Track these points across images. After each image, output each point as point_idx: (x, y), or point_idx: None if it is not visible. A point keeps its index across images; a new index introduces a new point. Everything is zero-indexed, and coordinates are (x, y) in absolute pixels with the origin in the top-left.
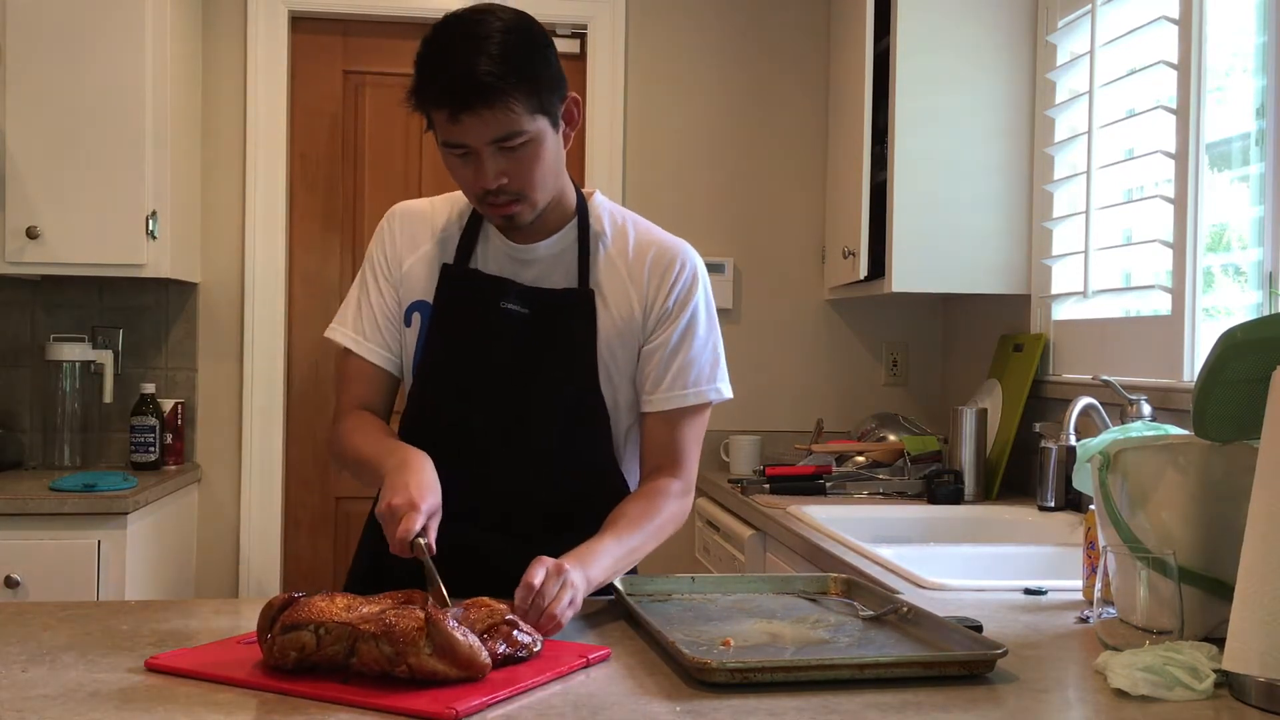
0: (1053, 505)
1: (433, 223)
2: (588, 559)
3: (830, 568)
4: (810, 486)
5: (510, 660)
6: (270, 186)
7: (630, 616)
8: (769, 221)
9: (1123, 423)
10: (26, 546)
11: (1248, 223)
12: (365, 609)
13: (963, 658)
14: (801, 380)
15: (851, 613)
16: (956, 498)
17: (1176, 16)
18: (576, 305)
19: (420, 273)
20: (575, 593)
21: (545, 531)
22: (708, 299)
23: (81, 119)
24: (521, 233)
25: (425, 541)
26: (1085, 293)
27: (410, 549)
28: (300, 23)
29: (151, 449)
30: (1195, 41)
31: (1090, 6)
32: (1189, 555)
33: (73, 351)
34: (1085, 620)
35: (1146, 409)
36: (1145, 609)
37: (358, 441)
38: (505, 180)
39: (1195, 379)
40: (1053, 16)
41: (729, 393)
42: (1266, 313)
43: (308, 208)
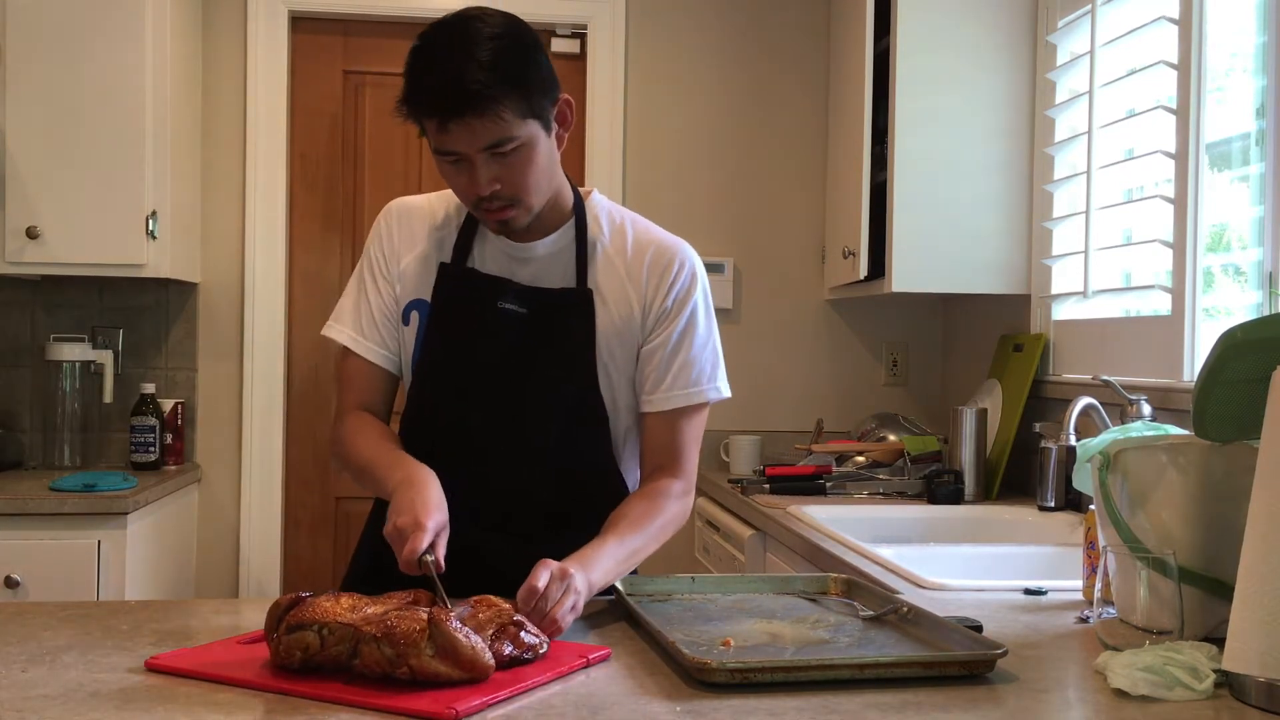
0: (1053, 505)
1: (430, 220)
2: (590, 562)
3: (830, 568)
4: (810, 486)
5: (517, 661)
6: (270, 186)
7: (630, 617)
8: (769, 221)
9: (1123, 423)
10: (26, 546)
11: (1248, 223)
12: (370, 609)
13: (963, 658)
14: (801, 380)
15: (851, 613)
16: (956, 498)
17: (1176, 16)
18: (575, 305)
19: (418, 271)
20: (578, 598)
21: (544, 531)
22: (706, 298)
23: (81, 119)
24: (519, 232)
25: (433, 559)
26: (1085, 293)
27: (419, 566)
28: (300, 23)
29: (151, 449)
30: (1195, 41)
31: (1090, 6)
32: (1189, 555)
33: (73, 351)
34: (1085, 620)
35: (1146, 409)
36: (1145, 609)
37: (361, 449)
38: (499, 186)
39: (1195, 379)
40: (1053, 16)
41: (728, 391)
42: (1266, 313)
43: (308, 208)
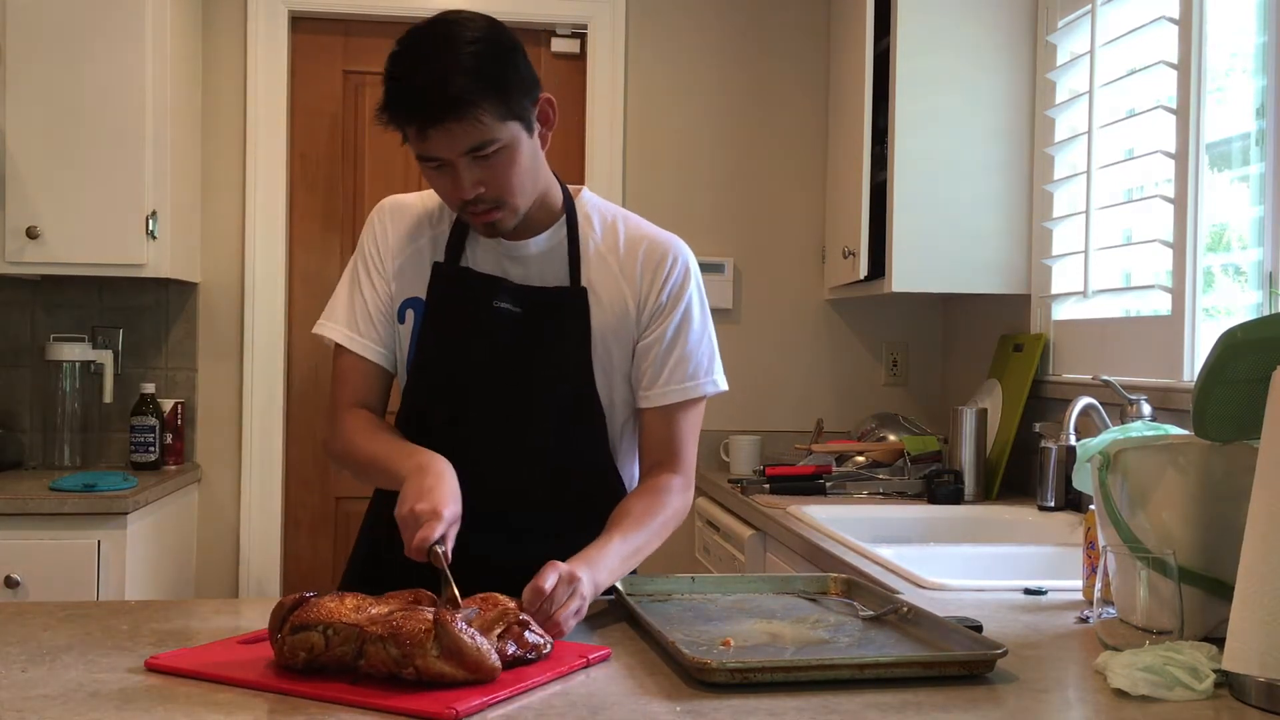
0: (1053, 505)
1: (423, 218)
2: (597, 563)
3: (830, 568)
4: (810, 486)
5: (520, 661)
6: (270, 186)
7: (630, 616)
8: (769, 221)
9: (1123, 423)
10: (26, 546)
11: (1248, 223)
12: (374, 610)
13: (963, 658)
14: (801, 380)
15: (851, 613)
16: (956, 498)
17: (1176, 16)
18: (570, 303)
19: (412, 269)
20: (583, 603)
21: (543, 530)
22: (700, 292)
23: (81, 119)
24: (508, 232)
25: (443, 550)
26: (1085, 293)
27: (427, 556)
28: (300, 23)
29: (151, 449)
30: (1195, 41)
31: (1090, 6)
32: (1189, 555)
33: (73, 351)
34: (1085, 620)
35: (1146, 409)
36: (1145, 609)
37: (366, 442)
38: (483, 189)
39: (1195, 379)
40: (1053, 16)
41: (725, 385)
42: (1266, 313)
43: (308, 208)
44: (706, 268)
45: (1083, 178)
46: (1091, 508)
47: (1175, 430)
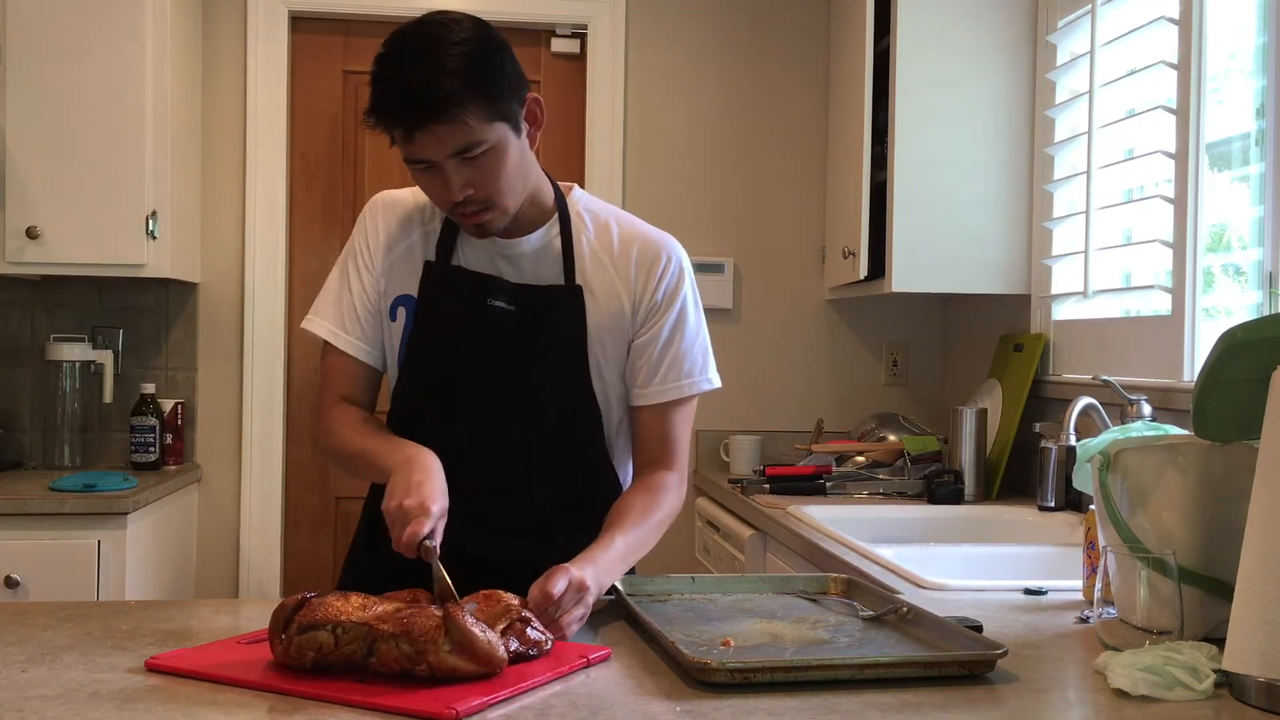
0: (1053, 505)
1: (416, 214)
2: (602, 564)
3: (830, 568)
4: (810, 486)
5: (522, 658)
6: (270, 186)
7: (630, 616)
8: (769, 221)
9: (1123, 423)
10: (26, 546)
11: (1248, 223)
12: (379, 608)
13: (963, 658)
14: (801, 380)
15: (851, 613)
16: (956, 498)
17: (1176, 16)
18: (565, 301)
19: (404, 265)
20: (587, 611)
21: (539, 528)
22: (694, 290)
23: (81, 119)
24: (499, 231)
25: (432, 545)
26: (1085, 293)
27: (417, 551)
28: (300, 23)
29: (151, 449)
30: (1195, 41)
31: (1090, 6)
32: (1189, 555)
33: (73, 351)
34: (1085, 620)
35: (1146, 409)
36: (1145, 609)
37: (354, 436)
38: (471, 190)
39: (1195, 379)
40: (1053, 16)
41: (718, 382)
42: (1266, 313)
43: (308, 208)
44: (706, 268)
45: (1083, 178)
46: (1091, 508)
47: (1175, 430)
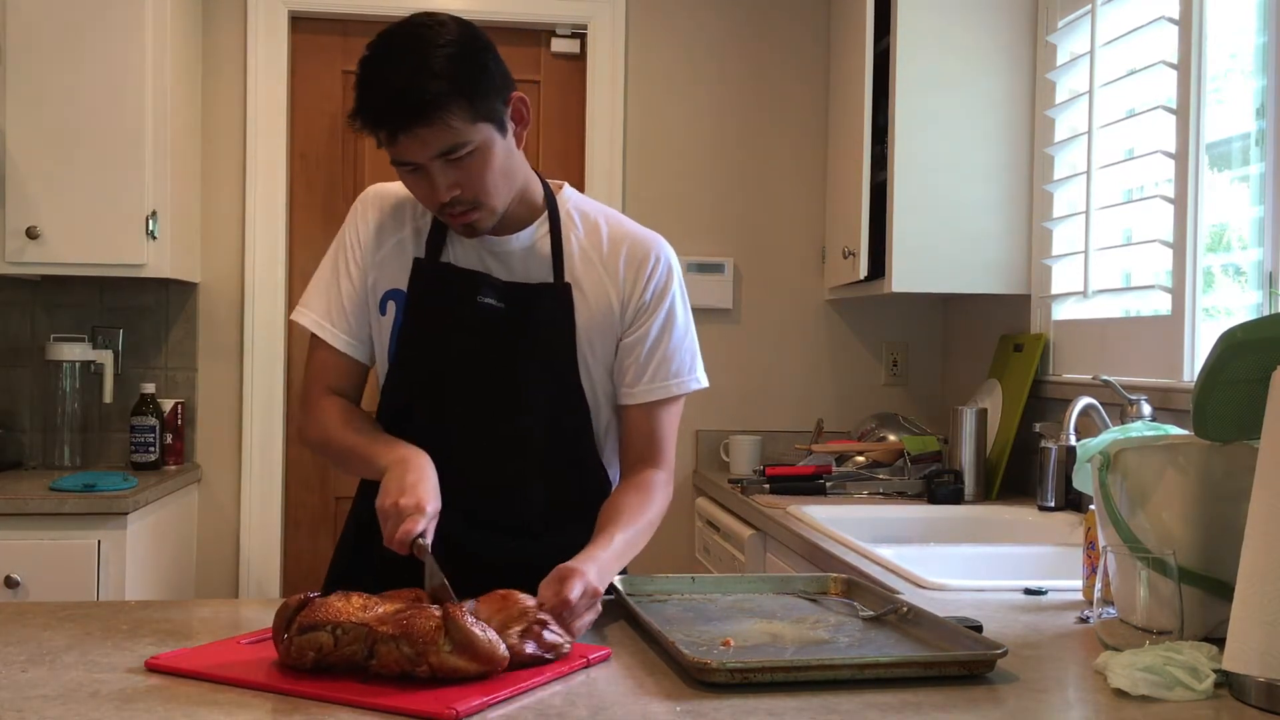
0: (1053, 505)
1: (408, 209)
2: (604, 564)
3: (830, 568)
4: (810, 486)
5: (538, 661)
6: (270, 186)
7: (630, 616)
8: (769, 221)
9: (1123, 423)
10: (26, 546)
11: (1248, 223)
12: (381, 609)
13: (963, 658)
14: (801, 380)
15: (851, 613)
16: (956, 498)
17: (1176, 16)
18: (554, 299)
19: (395, 260)
20: (597, 614)
21: (531, 526)
22: (682, 290)
23: (81, 119)
24: (494, 227)
25: (424, 543)
26: (1085, 293)
27: (410, 549)
28: (300, 23)
29: (151, 449)
30: (1195, 41)
31: (1090, 6)
32: (1189, 555)
33: (73, 351)
34: (1085, 620)
35: (1146, 409)
36: (1145, 609)
37: (343, 431)
38: (458, 191)
39: (1195, 379)
40: (1053, 16)
41: (706, 381)
42: (1266, 313)
43: (308, 208)
44: (706, 268)
45: (1083, 178)
46: (1091, 508)
47: (1175, 430)
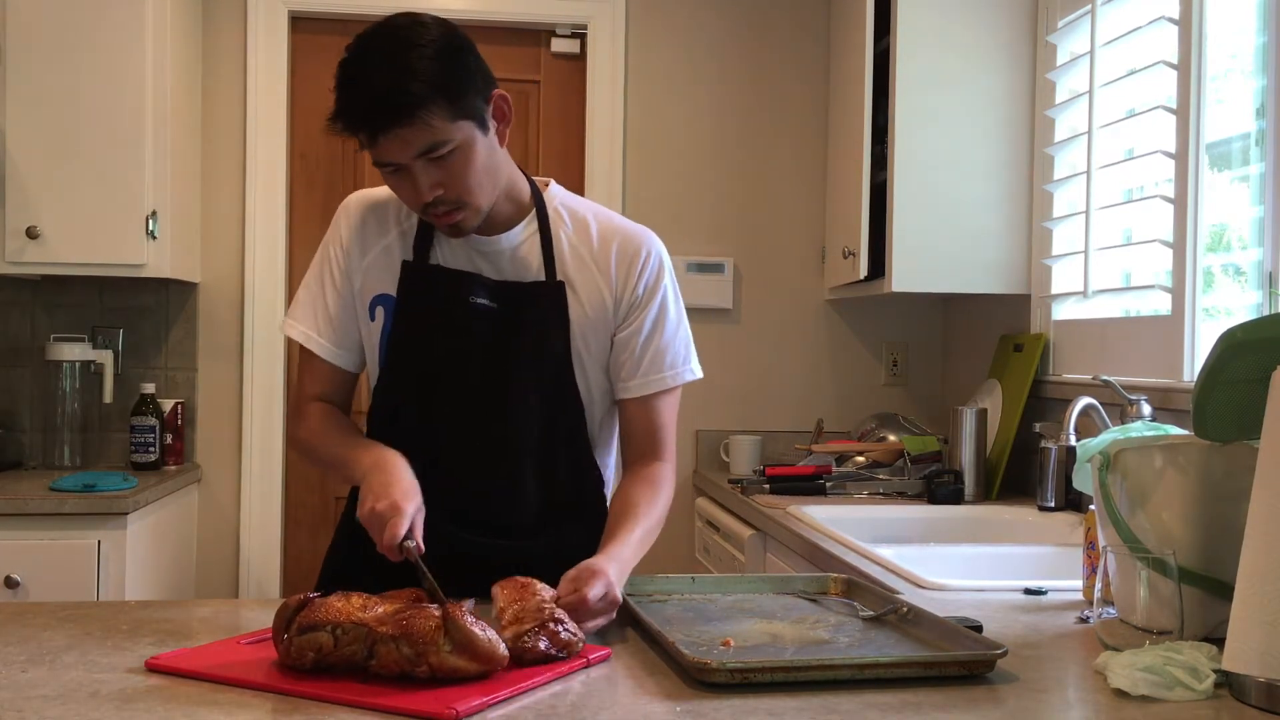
0: (1053, 505)
1: (393, 213)
2: (625, 562)
3: (830, 568)
4: (810, 486)
5: (550, 659)
6: (270, 186)
7: (630, 616)
8: (769, 221)
9: (1123, 423)
10: (26, 546)
11: (1248, 223)
12: (380, 609)
13: (963, 658)
14: (801, 380)
15: (851, 613)
16: (956, 498)
17: (1176, 16)
18: (548, 298)
19: (382, 265)
20: (610, 618)
21: (523, 525)
22: (673, 283)
23: (81, 119)
24: (480, 226)
25: (413, 544)
26: (1085, 293)
27: (400, 552)
28: (300, 23)
29: (151, 449)
30: (1195, 41)
31: (1090, 6)
32: (1189, 555)
33: (73, 351)
34: (1085, 620)
35: (1146, 409)
36: (1145, 609)
37: (326, 440)
38: (441, 190)
39: (1195, 379)
40: (1053, 16)
41: (700, 372)
42: (1266, 313)
43: (308, 208)
44: (706, 268)
45: (1083, 178)
46: (1091, 508)
47: (1175, 430)
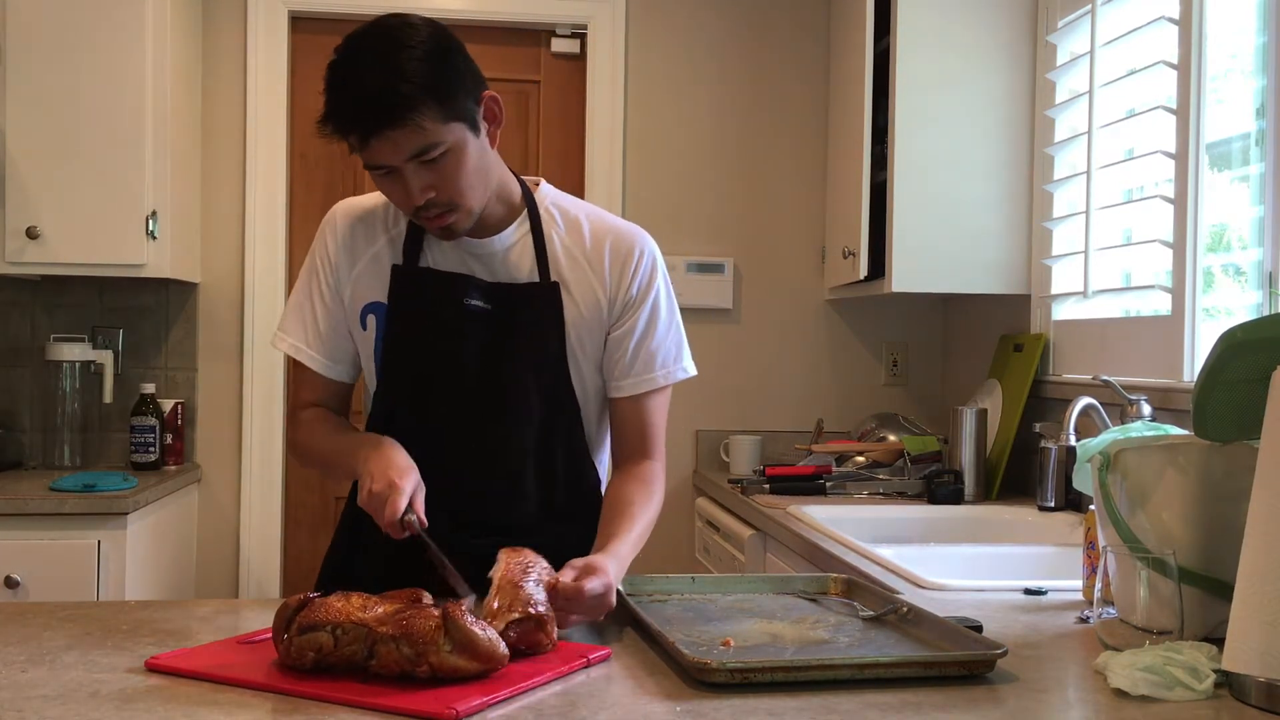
0: (1053, 505)
1: (380, 220)
2: (623, 564)
3: (830, 568)
4: (810, 486)
5: (516, 652)
6: (270, 186)
7: (630, 616)
8: (769, 221)
9: (1123, 423)
10: (26, 546)
11: (1248, 223)
12: (380, 609)
13: (963, 658)
14: (801, 380)
15: (851, 613)
16: (956, 498)
17: (1176, 16)
18: (542, 299)
19: (372, 273)
20: (597, 618)
21: (520, 525)
22: (666, 281)
23: (81, 119)
24: (472, 228)
25: (414, 517)
26: (1085, 293)
27: (402, 527)
28: (300, 23)
29: (151, 449)
30: (1195, 41)
31: (1090, 6)
32: (1189, 555)
33: (73, 351)
34: (1085, 620)
35: (1146, 409)
36: (1145, 609)
37: (320, 441)
38: (433, 193)
39: (1195, 379)
40: (1053, 16)
41: (694, 370)
42: (1266, 313)
43: (308, 208)
44: (706, 268)
45: (1083, 178)
46: (1091, 508)
47: (1175, 430)
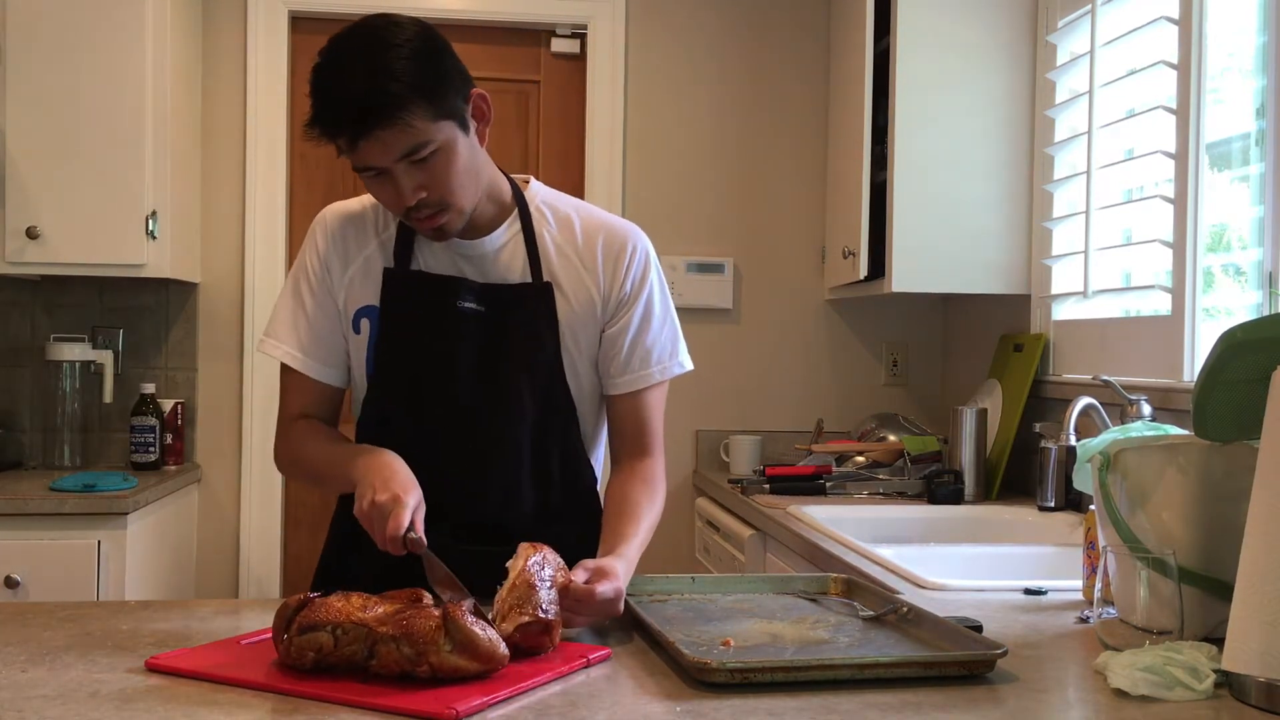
0: (1053, 505)
1: (370, 223)
2: (632, 566)
3: (830, 568)
4: (810, 486)
5: (517, 650)
6: (270, 186)
7: (631, 616)
8: (769, 221)
9: (1123, 423)
10: (26, 546)
11: (1248, 223)
12: (380, 609)
13: (963, 658)
14: (801, 380)
15: (851, 613)
16: (956, 498)
17: (1176, 16)
18: (535, 299)
19: (363, 278)
20: (604, 621)
21: (523, 525)
22: (660, 277)
23: (81, 119)
24: (463, 229)
25: (416, 536)
26: (1085, 293)
27: (404, 545)
28: (300, 23)
29: (151, 449)
30: (1195, 41)
31: (1090, 6)
32: (1189, 555)
33: (73, 351)
34: (1085, 620)
35: (1146, 409)
36: (1145, 609)
37: (313, 450)
38: (424, 193)
39: (1195, 379)
40: (1053, 16)
41: (690, 364)
42: (1266, 313)
43: (308, 208)
44: (706, 268)
45: (1083, 178)
46: (1091, 508)
47: (1175, 430)
